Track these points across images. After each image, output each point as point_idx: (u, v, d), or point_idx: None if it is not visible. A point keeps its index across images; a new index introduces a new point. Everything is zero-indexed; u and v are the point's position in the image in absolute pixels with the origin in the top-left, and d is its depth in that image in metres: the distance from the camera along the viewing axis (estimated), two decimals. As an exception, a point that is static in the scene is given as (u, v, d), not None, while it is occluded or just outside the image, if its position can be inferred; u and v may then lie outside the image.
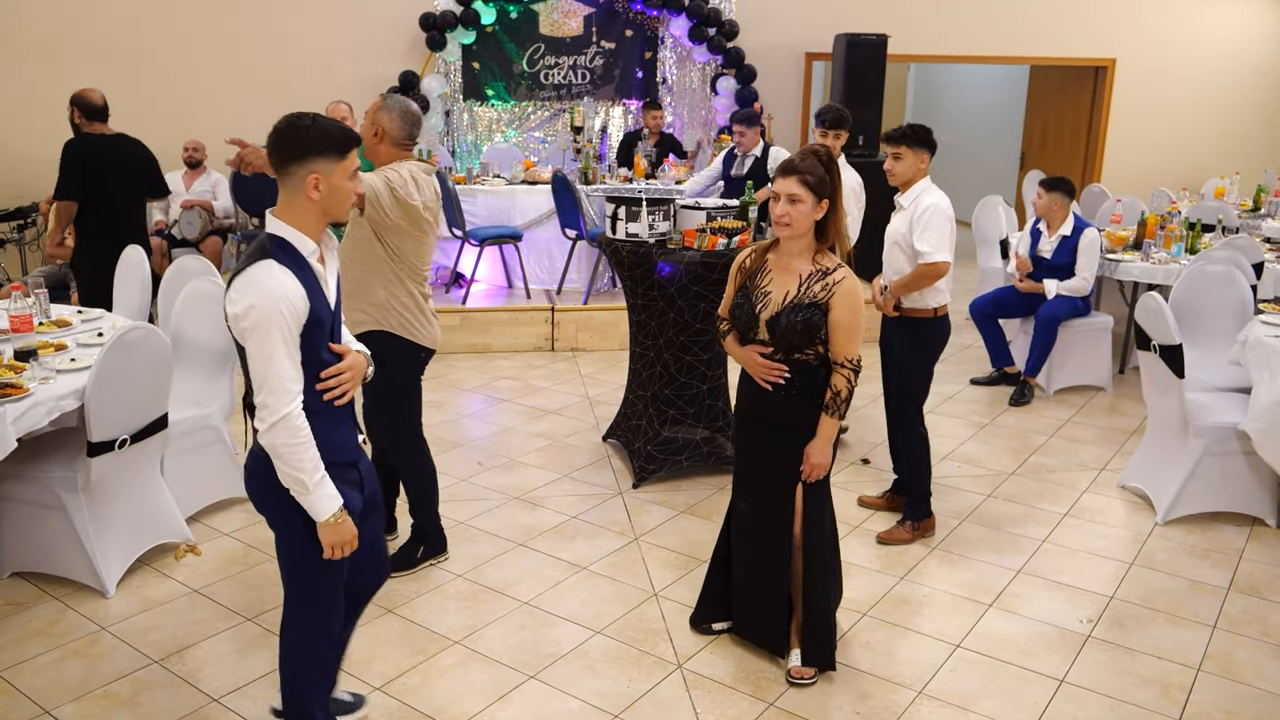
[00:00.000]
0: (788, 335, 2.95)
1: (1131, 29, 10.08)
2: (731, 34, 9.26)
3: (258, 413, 2.29)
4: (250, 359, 2.27)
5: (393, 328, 3.54)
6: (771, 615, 3.23)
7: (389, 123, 3.46)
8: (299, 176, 2.29)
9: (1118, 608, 3.65)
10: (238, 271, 2.29)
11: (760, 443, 3.15)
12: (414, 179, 3.43)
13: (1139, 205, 7.91)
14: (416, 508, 3.86)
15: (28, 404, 3.29)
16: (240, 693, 3.06)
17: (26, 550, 3.70)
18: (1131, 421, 5.70)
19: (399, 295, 3.52)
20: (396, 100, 3.50)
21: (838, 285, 2.94)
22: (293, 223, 2.33)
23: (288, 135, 2.29)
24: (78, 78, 8.76)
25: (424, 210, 3.45)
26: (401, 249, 3.47)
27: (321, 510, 2.35)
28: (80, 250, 5.58)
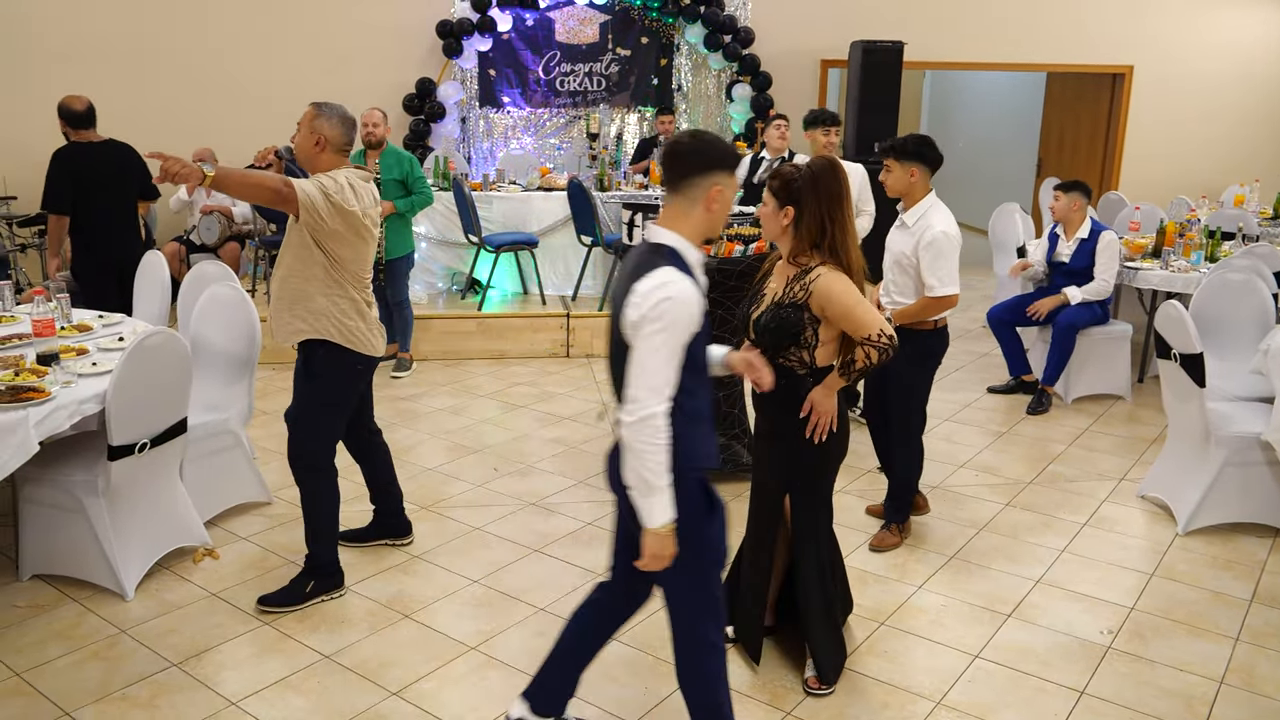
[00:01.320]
0: (764, 333, 2.97)
1: (1149, 35, 10.03)
2: (747, 41, 9.27)
3: (629, 403, 2.29)
4: (635, 353, 2.28)
5: (331, 335, 3.45)
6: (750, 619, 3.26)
7: (330, 130, 3.40)
8: (702, 188, 2.34)
9: (1138, 619, 3.63)
10: (633, 276, 2.30)
11: (757, 445, 3.21)
12: (350, 185, 3.37)
13: (1157, 213, 7.87)
14: (314, 538, 3.63)
15: (50, 407, 3.31)
16: (258, 696, 3.07)
17: (47, 553, 3.73)
18: (1151, 431, 5.66)
19: (339, 303, 3.44)
20: (333, 107, 3.45)
21: (814, 282, 2.90)
22: (684, 233, 2.37)
23: (696, 149, 2.35)
24: (102, 85, 8.83)
25: (363, 216, 3.39)
26: (340, 255, 3.40)
27: (657, 516, 2.32)
28: (78, 257, 5.52)
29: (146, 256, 5.10)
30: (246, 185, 3.25)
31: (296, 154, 3.47)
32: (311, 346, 3.48)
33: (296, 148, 3.46)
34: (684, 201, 2.37)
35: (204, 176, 3.08)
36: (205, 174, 3.08)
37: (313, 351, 3.49)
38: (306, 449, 3.59)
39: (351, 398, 3.65)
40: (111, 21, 8.75)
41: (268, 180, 3.22)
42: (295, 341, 3.50)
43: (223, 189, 3.21)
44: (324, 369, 3.50)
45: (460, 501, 4.57)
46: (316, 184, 3.30)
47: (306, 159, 3.43)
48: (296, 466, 3.62)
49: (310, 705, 3.04)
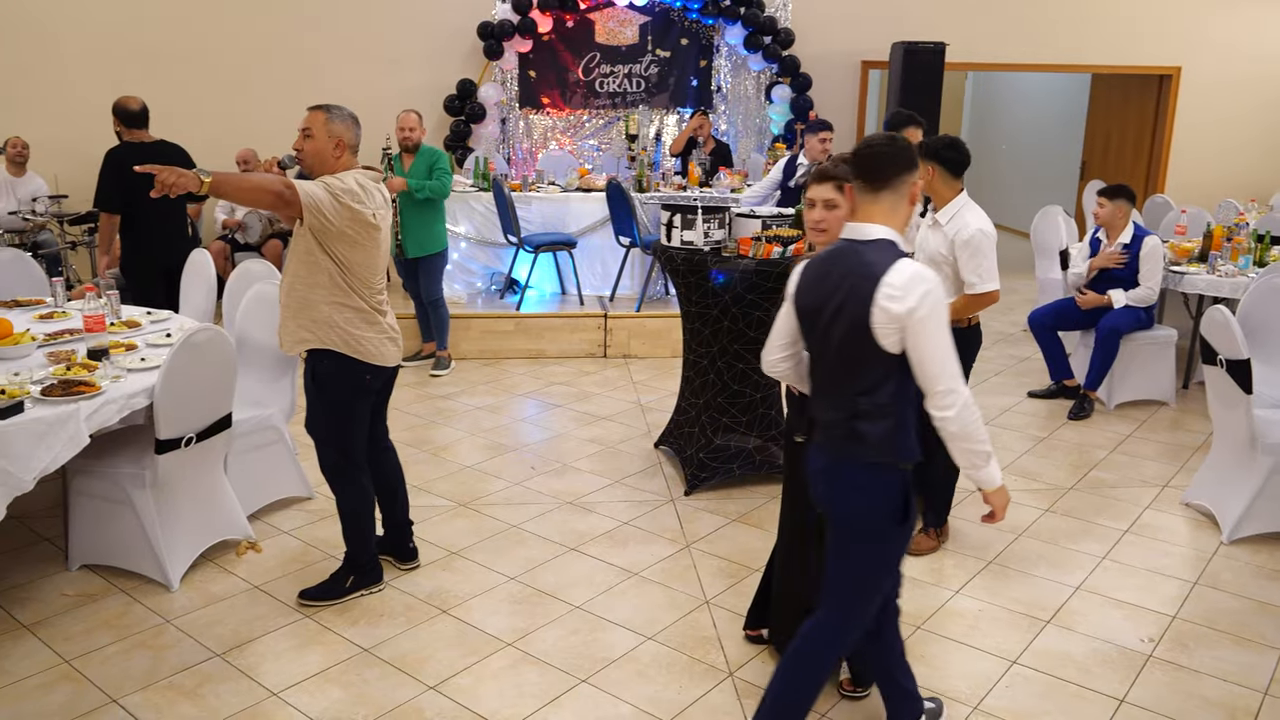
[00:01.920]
0: None
1: (1197, 36, 9.87)
2: (787, 42, 9.24)
3: (942, 399, 2.38)
4: (925, 349, 2.36)
5: (336, 345, 3.38)
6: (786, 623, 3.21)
7: (345, 131, 3.37)
8: (907, 184, 2.50)
9: (1180, 628, 3.58)
10: (870, 270, 2.40)
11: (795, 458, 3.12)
12: (361, 186, 3.31)
13: (1204, 216, 7.74)
14: (350, 538, 3.67)
15: (100, 401, 3.39)
16: (298, 687, 3.12)
17: (96, 544, 3.81)
18: (1196, 438, 5.57)
19: (344, 312, 3.37)
20: (339, 108, 3.39)
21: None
22: (895, 226, 2.50)
23: (902, 151, 2.50)
24: (150, 87, 9.00)
25: (373, 217, 3.33)
26: (349, 259, 3.33)
27: (996, 477, 2.49)
28: (126, 256, 5.62)
29: (193, 255, 5.20)
30: (244, 189, 3.18)
31: (311, 159, 3.37)
32: (317, 356, 3.43)
33: (313, 153, 3.36)
34: (893, 198, 2.50)
35: (201, 183, 3.01)
36: (202, 180, 3.02)
37: (319, 361, 3.43)
38: (331, 459, 3.59)
39: (363, 407, 3.57)
40: (159, 25, 8.91)
41: (267, 183, 3.15)
42: (300, 351, 3.46)
43: (221, 194, 3.15)
44: (330, 379, 3.45)
45: (498, 499, 4.61)
46: (321, 184, 3.23)
47: (323, 163, 3.35)
48: (326, 475, 3.64)
49: (349, 697, 3.08)
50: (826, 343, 2.52)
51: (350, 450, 3.58)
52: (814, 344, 2.58)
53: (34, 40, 8.79)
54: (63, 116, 8.73)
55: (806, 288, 2.58)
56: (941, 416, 2.39)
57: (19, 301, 4.83)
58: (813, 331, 2.57)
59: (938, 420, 2.41)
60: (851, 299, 2.41)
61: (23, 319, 4.46)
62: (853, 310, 2.41)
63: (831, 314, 2.47)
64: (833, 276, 2.49)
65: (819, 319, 2.52)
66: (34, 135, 8.09)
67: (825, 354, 2.54)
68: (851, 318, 2.41)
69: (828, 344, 2.51)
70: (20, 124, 8.28)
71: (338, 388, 3.47)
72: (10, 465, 3.13)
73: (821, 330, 2.52)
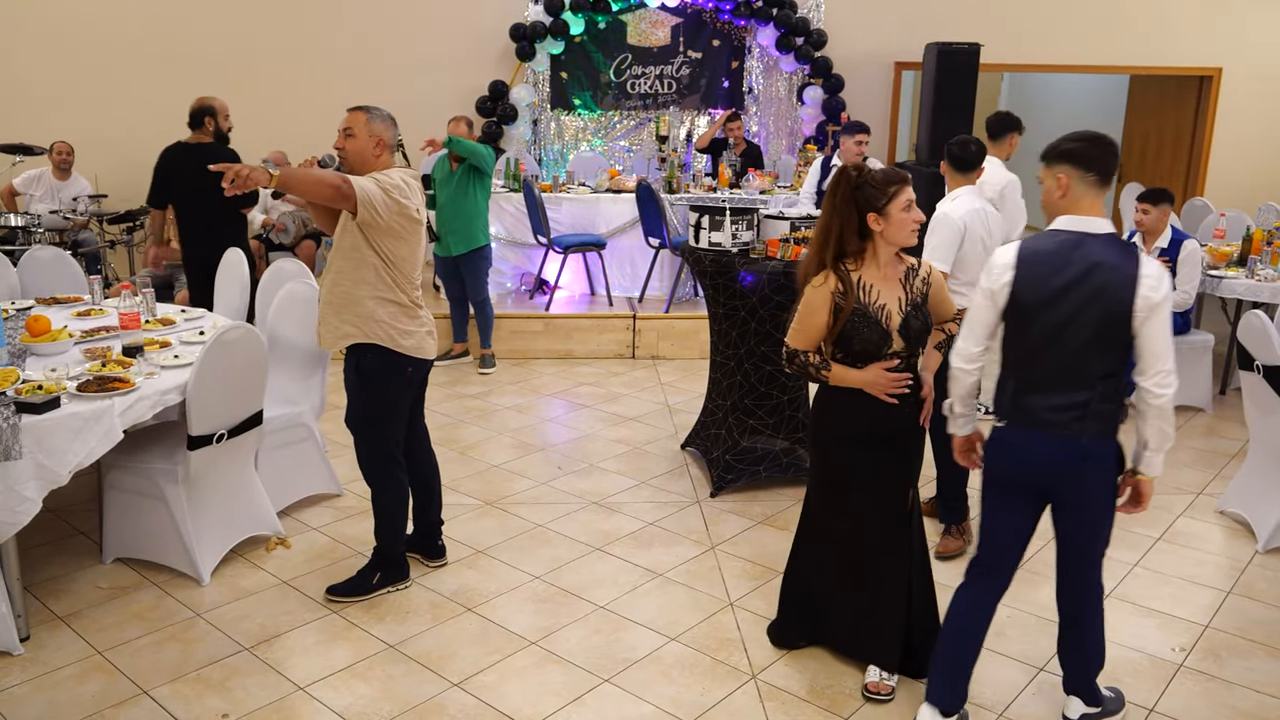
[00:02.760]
0: (920, 335, 3.02)
1: (1239, 36, 9.70)
2: (819, 43, 9.21)
3: (1165, 378, 2.59)
4: (1161, 334, 2.58)
5: (380, 340, 3.45)
6: (887, 628, 3.17)
7: (385, 131, 3.47)
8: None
9: (1213, 637, 3.52)
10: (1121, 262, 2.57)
11: (873, 458, 3.08)
12: (405, 182, 3.42)
13: (1244, 219, 7.62)
14: (382, 533, 3.71)
15: (134, 398, 3.44)
16: (325, 682, 3.15)
17: (129, 537, 3.88)
18: (1232, 445, 5.49)
19: (388, 306, 3.45)
20: (379, 110, 3.49)
21: (931, 274, 3.08)
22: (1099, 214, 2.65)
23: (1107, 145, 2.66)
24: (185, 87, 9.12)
25: (416, 212, 3.43)
26: (395, 253, 3.42)
27: (1161, 467, 2.74)
28: (183, 252, 5.91)
29: (227, 255, 5.27)
30: (308, 183, 3.28)
31: (353, 158, 3.45)
32: (360, 351, 3.49)
33: (354, 152, 3.44)
34: (1102, 193, 2.66)
35: (270, 177, 3.14)
36: (271, 174, 3.15)
37: (362, 356, 3.49)
38: (371, 453, 3.64)
39: (404, 401, 3.64)
40: (198, 26, 9.04)
41: (328, 178, 3.27)
42: (343, 346, 3.51)
43: (288, 188, 3.29)
44: (374, 374, 3.51)
45: (524, 498, 4.64)
46: (372, 179, 3.34)
47: (365, 162, 3.44)
48: (364, 469, 3.68)
49: (374, 693, 3.11)
50: (1065, 331, 2.61)
51: (389, 444, 3.64)
52: (1041, 332, 2.64)
53: (77, 41, 8.95)
54: (101, 116, 8.88)
55: (1036, 280, 2.63)
56: (1161, 393, 2.59)
57: (57, 299, 4.93)
58: (1039, 321, 2.63)
59: (1155, 396, 2.60)
60: (1108, 289, 2.55)
61: (61, 316, 4.55)
62: (1111, 299, 2.55)
63: (1078, 304, 2.58)
64: (1074, 267, 2.58)
65: (1056, 309, 2.60)
66: (75, 135, 8.23)
67: (1061, 341, 2.62)
68: (1107, 306, 2.56)
69: (1067, 332, 2.60)
70: (63, 124, 8.42)
71: (381, 381, 3.53)
72: (46, 459, 3.19)
73: (1059, 319, 2.60)
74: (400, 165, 3.59)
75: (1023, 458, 2.72)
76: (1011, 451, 2.74)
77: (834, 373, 3.04)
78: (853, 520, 3.16)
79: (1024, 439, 2.71)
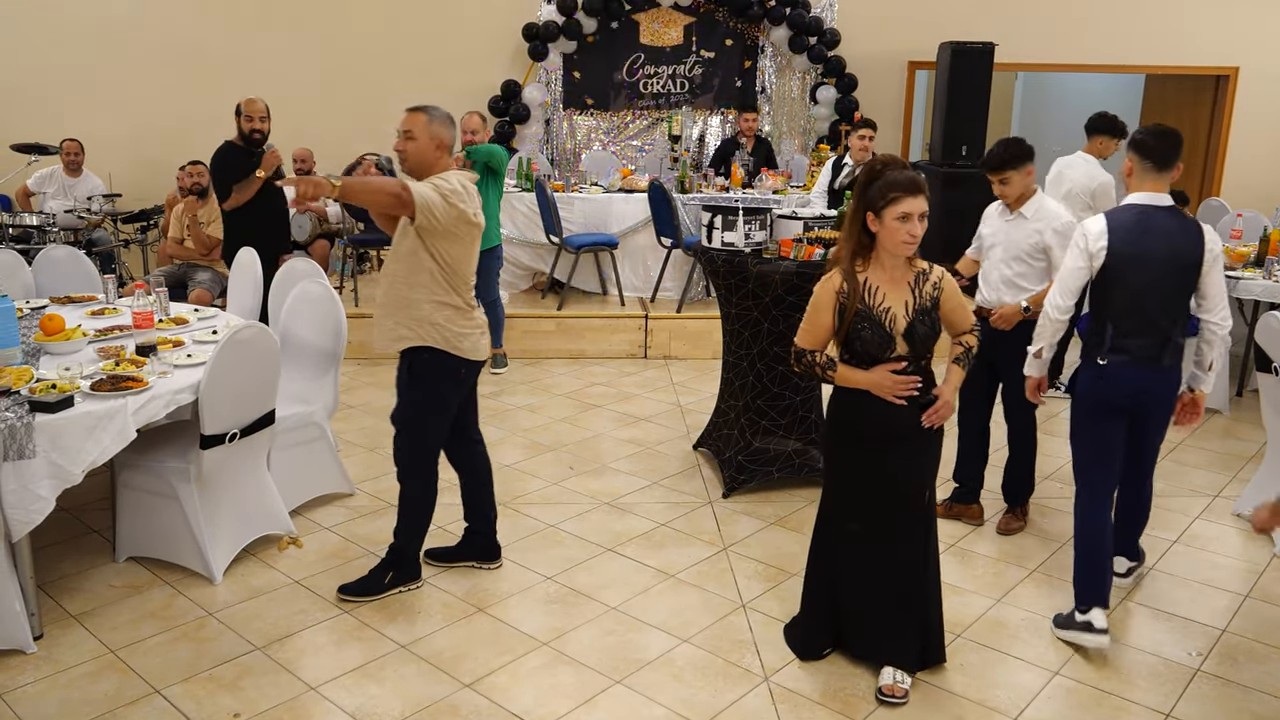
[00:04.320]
0: (926, 340, 2.98)
1: (1255, 36, 9.63)
2: (832, 43, 9.18)
3: (1225, 314, 3.40)
4: (1220, 281, 3.38)
5: (435, 342, 3.46)
6: (906, 629, 3.17)
7: (445, 132, 3.48)
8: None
9: (1229, 641, 3.49)
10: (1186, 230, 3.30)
11: (885, 459, 3.07)
12: (463, 185, 3.41)
13: (1261, 220, 7.55)
14: (403, 534, 3.70)
15: (146, 397, 3.45)
16: (336, 683, 3.15)
17: (142, 536, 3.89)
18: (1249, 447, 5.44)
19: (444, 309, 3.45)
20: (437, 110, 3.49)
21: (943, 280, 3.04)
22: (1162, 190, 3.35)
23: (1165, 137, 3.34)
24: (199, 87, 9.18)
25: (474, 215, 3.42)
26: (452, 257, 3.42)
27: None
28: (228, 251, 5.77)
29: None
30: (369, 192, 3.28)
31: (413, 160, 3.46)
32: (415, 352, 3.48)
33: (415, 154, 3.45)
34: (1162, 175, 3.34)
35: (333, 187, 3.16)
36: (334, 185, 3.16)
37: (416, 357, 3.49)
38: (411, 453, 3.62)
39: (454, 401, 3.62)
40: (212, 26, 9.08)
41: (388, 185, 3.28)
42: (398, 349, 3.50)
43: (349, 198, 3.27)
44: (427, 374, 3.50)
45: (536, 499, 4.63)
46: (430, 185, 3.34)
47: (426, 164, 3.45)
48: (400, 467, 3.66)
49: (386, 693, 3.11)
50: (1151, 284, 3.30)
51: (431, 446, 3.65)
52: (1133, 286, 3.30)
53: (90, 42, 8.99)
54: (115, 116, 8.92)
55: (1125, 244, 3.29)
56: (1225, 324, 3.39)
57: (71, 298, 4.95)
58: (1128, 275, 3.30)
59: (1220, 327, 3.40)
60: (1182, 248, 3.28)
61: (75, 315, 4.57)
62: (1185, 256, 3.29)
63: (1161, 261, 3.28)
64: (1154, 234, 3.29)
65: (1144, 266, 3.28)
66: (89, 134, 8.26)
67: (1146, 292, 3.30)
68: (1183, 262, 3.29)
69: (1152, 284, 3.30)
70: (77, 124, 8.46)
71: (433, 382, 3.53)
72: (60, 458, 3.20)
73: (1147, 275, 3.29)
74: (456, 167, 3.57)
75: (1123, 386, 3.38)
76: (1115, 381, 3.38)
77: (839, 373, 3.03)
78: (867, 522, 3.14)
79: (1124, 370, 3.36)
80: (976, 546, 4.19)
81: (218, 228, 6.52)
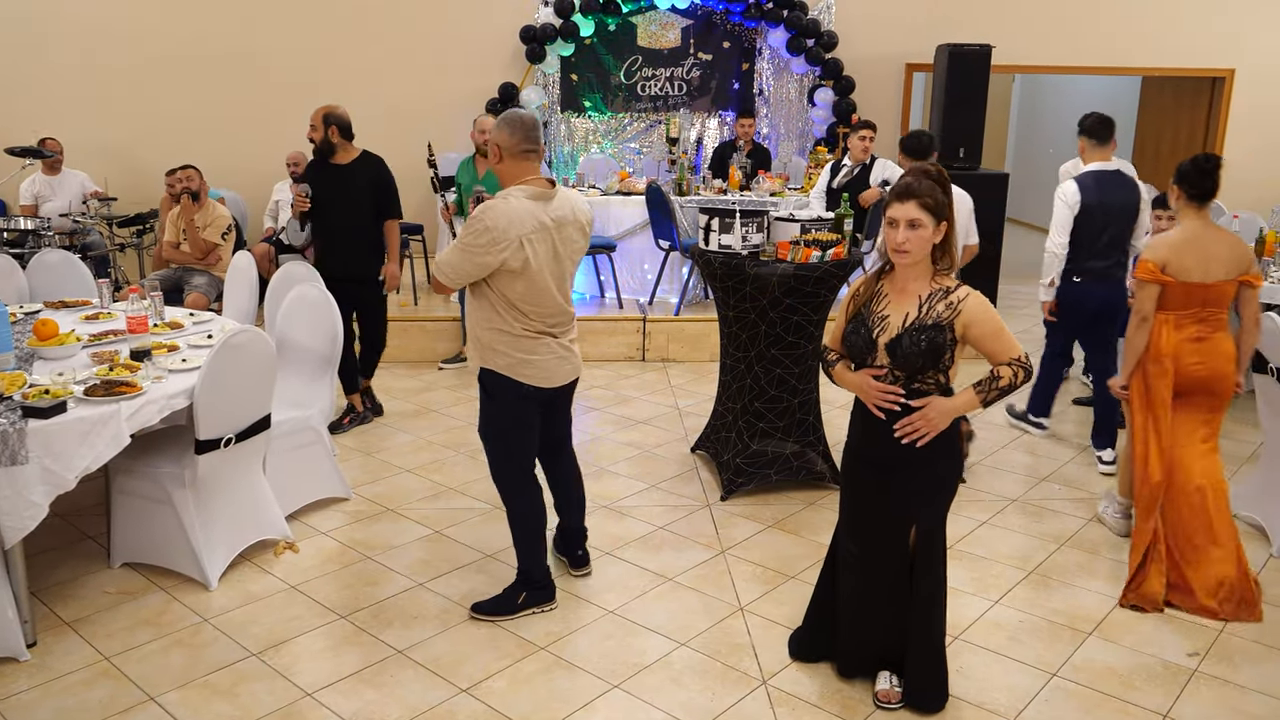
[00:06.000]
0: (910, 357, 2.81)
1: (1251, 38, 9.64)
2: (830, 45, 9.18)
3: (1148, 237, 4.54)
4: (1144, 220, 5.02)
5: (497, 367, 3.43)
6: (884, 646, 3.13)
7: (499, 136, 3.38)
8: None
9: (1227, 641, 3.48)
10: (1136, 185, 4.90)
11: (872, 481, 3.01)
12: (504, 217, 3.23)
13: (1257, 221, 7.56)
14: (521, 553, 3.64)
15: (141, 402, 3.44)
16: (333, 688, 3.14)
17: (137, 542, 3.87)
18: (1245, 448, 5.43)
19: (502, 337, 3.39)
20: (507, 112, 3.43)
21: (963, 302, 2.81)
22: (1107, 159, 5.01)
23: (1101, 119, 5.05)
24: (190, 92, 9.18)
25: (520, 245, 3.24)
26: (511, 291, 3.33)
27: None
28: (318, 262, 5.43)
29: (235, 258, 5.27)
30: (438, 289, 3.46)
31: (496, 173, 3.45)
32: (485, 372, 3.47)
33: (495, 169, 3.44)
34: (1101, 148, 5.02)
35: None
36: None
37: (484, 375, 3.48)
38: (498, 469, 3.60)
39: (527, 420, 3.53)
40: (208, 29, 9.07)
41: (433, 285, 3.53)
42: (474, 367, 3.52)
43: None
44: (495, 393, 3.49)
45: (533, 502, 4.61)
46: (454, 246, 3.28)
47: (503, 176, 3.42)
48: (495, 481, 3.63)
49: (382, 699, 3.09)
50: (1109, 224, 4.89)
51: (522, 461, 3.58)
52: (1098, 225, 4.88)
53: (85, 45, 8.98)
54: (111, 121, 8.90)
55: (1091, 197, 4.86)
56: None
57: (65, 303, 4.93)
58: (1097, 219, 4.88)
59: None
60: (1127, 199, 4.93)
61: (69, 320, 4.55)
62: (1130, 204, 4.93)
63: (1115, 208, 4.89)
64: (1108, 189, 4.89)
65: (1105, 212, 4.87)
66: (83, 138, 8.24)
67: (1107, 229, 4.89)
68: (1126, 209, 4.92)
69: (1110, 224, 4.89)
70: (69, 127, 8.44)
71: (500, 399, 3.50)
72: (53, 464, 3.19)
73: (1106, 217, 4.88)
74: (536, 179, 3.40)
75: (1092, 295, 4.96)
76: (1085, 289, 4.96)
77: (836, 370, 3.03)
78: (860, 547, 3.08)
79: (1092, 285, 4.95)
80: (974, 548, 4.18)
81: (214, 232, 6.50)
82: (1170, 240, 3.83)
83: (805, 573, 3.92)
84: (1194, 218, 3.86)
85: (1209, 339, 3.84)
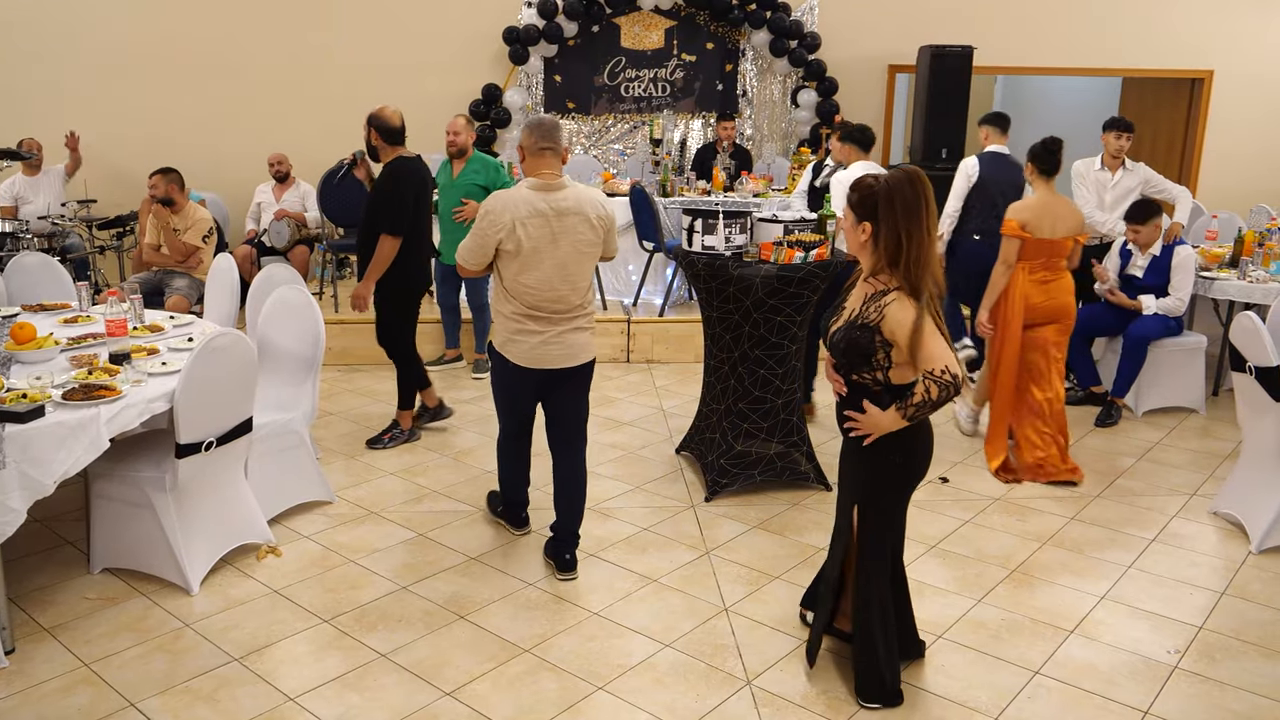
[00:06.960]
0: (834, 350, 2.97)
1: (1230, 39, 9.72)
2: (813, 47, 9.20)
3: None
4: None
5: (495, 340, 3.86)
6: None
7: (525, 139, 3.72)
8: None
9: (1207, 638, 3.51)
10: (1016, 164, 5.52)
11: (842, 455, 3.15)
12: (500, 203, 3.62)
13: (1236, 221, 7.62)
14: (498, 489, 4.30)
15: (120, 405, 3.42)
16: (315, 693, 3.12)
17: (117, 547, 3.84)
18: (1225, 446, 5.48)
19: (498, 315, 3.80)
20: (533, 118, 3.81)
21: (886, 307, 2.81)
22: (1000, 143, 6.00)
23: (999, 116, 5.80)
24: (170, 93, 9.12)
25: (500, 243, 3.63)
26: (506, 270, 3.69)
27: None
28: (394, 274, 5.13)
29: (217, 260, 5.23)
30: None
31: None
32: (489, 343, 3.93)
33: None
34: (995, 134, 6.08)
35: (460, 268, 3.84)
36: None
37: (489, 347, 3.92)
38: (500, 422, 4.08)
39: (514, 394, 3.92)
40: (189, 31, 9.01)
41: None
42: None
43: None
44: (493, 364, 3.91)
45: (517, 504, 4.60)
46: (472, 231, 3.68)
47: (522, 169, 3.78)
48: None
49: (366, 703, 3.08)
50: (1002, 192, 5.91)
51: (502, 423, 4.07)
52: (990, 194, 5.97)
53: (66, 47, 8.91)
54: (91, 122, 8.83)
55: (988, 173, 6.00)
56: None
57: (44, 305, 4.89)
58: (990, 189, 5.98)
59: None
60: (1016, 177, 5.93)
61: (47, 323, 4.51)
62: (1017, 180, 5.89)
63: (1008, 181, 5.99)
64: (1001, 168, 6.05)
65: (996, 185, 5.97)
66: (61, 140, 8.17)
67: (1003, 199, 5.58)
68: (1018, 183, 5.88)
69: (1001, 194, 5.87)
70: (49, 129, 8.37)
71: (496, 369, 3.90)
72: (31, 469, 3.16)
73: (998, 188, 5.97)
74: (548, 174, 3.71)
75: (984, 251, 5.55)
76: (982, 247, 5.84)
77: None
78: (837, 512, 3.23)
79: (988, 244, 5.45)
80: (957, 547, 4.20)
81: (194, 235, 6.46)
82: (1028, 204, 4.88)
83: (789, 573, 3.93)
84: (1043, 188, 4.93)
85: (1053, 282, 4.86)
